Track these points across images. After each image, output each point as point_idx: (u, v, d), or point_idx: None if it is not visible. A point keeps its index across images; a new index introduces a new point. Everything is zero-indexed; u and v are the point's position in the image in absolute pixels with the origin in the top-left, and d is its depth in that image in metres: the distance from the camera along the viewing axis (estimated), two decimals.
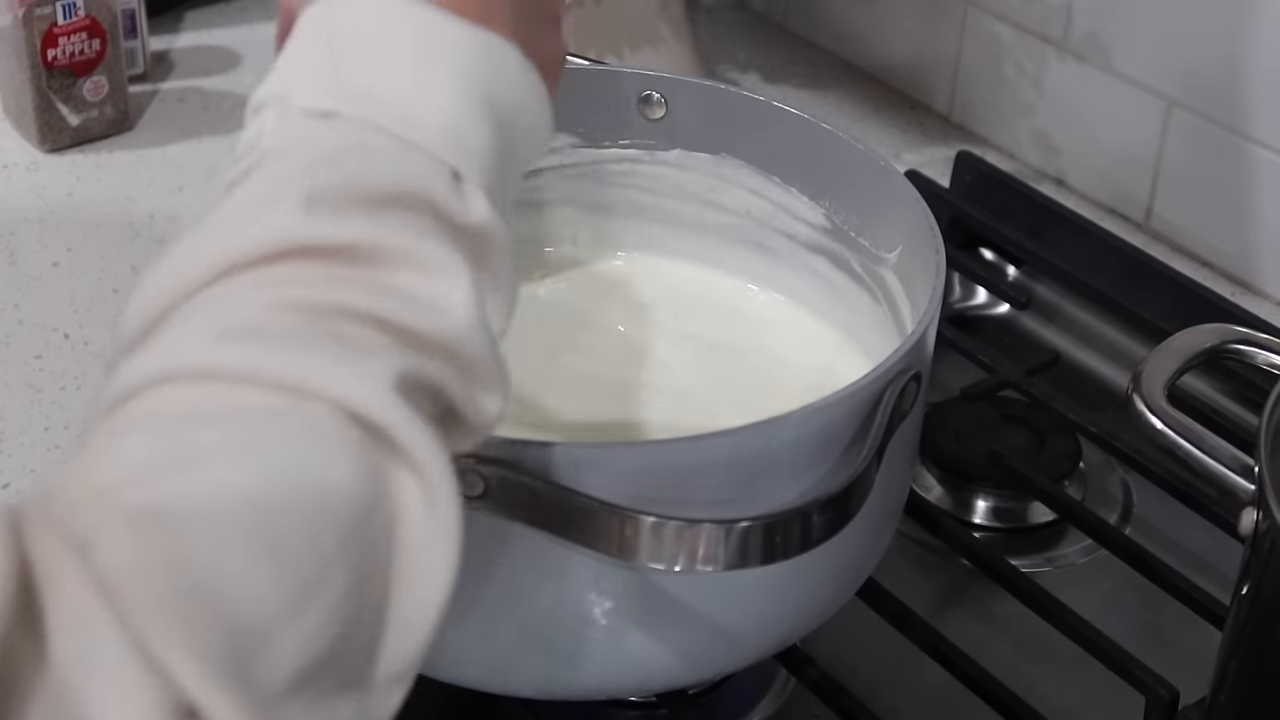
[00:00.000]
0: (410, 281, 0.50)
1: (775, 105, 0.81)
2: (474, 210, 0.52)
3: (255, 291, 0.48)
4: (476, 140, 0.53)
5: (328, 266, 0.49)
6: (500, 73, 0.55)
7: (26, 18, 1.04)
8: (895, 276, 0.78)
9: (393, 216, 0.51)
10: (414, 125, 0.52)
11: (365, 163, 0.51)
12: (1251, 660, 0.67)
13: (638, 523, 0.60)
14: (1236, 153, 1.01)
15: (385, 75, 0.53)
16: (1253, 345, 0.71)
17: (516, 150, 0.55)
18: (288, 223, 0.49)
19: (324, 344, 0.48)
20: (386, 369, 0.48)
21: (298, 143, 0.52)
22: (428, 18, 0.54)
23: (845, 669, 0.75)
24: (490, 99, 0.54)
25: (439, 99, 0.53)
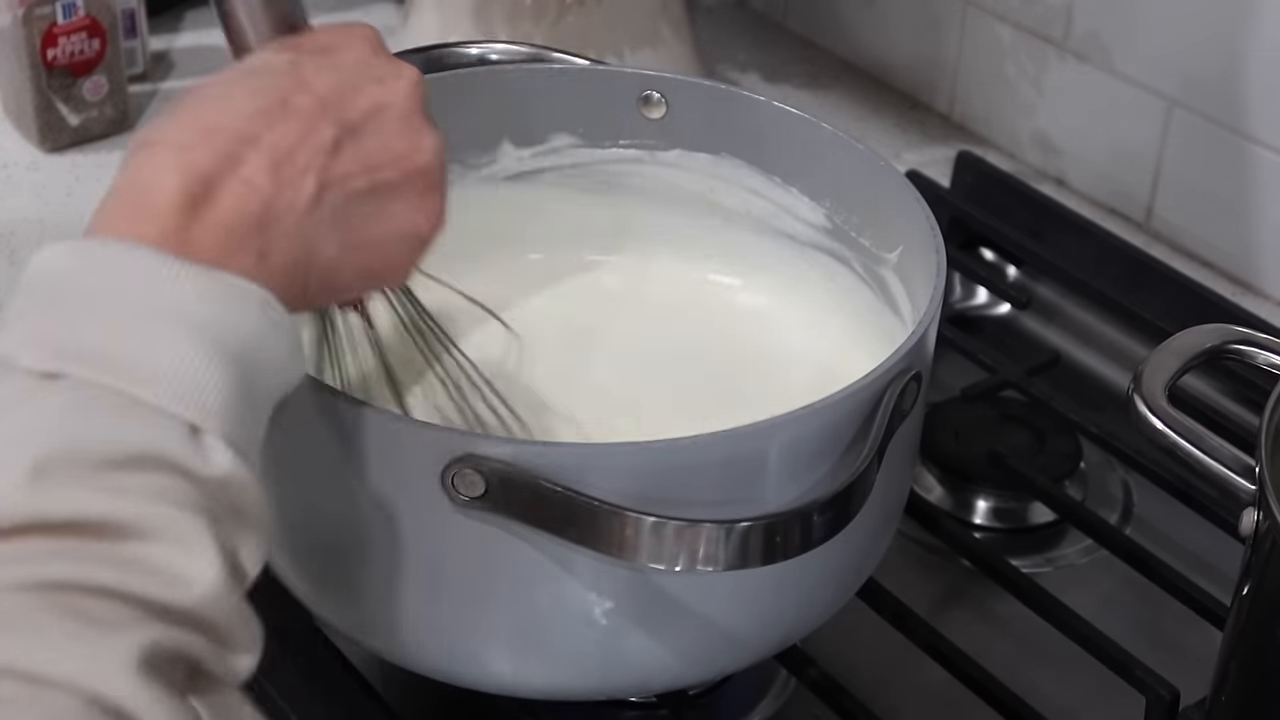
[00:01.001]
0: (150, 553, 0.48)
1: (775, 105, 0.81)
2: (214, 462, 0.51)
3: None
4: (212, 387, 0.51)
5: (61, 541, 0.47)
6: (233, 311, 0.52)
7: (26, 17, 1.04)
8: (896, 276, 0.78)
9: (128, 480, 0.49)
10: (143, 382, 0.50)
11: (94, 426, 0.49)
12: (1252, 660, 0.67)
13: (638, 523, 0.60)
14: (1237, 153, 1.01)
15: (110, 331, 0.51)
16: (1253, 345, 0.70)
17: (259, 385, 0.53)
18: (14, 496, 0.47)
19: (61, 624, 0.45)
20: (130, 645, 0.46)
21: (21, 406, 0.49)
22: (153, 266, 0.52)
23: (845, 669, 0.75)
24: (223, 341, 0.52)
25: (168, 352, 0.51)
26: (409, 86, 0.60)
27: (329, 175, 0.57)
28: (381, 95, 0.59)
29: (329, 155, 0.57)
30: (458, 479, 0.61)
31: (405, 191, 0.59)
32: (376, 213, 0.58)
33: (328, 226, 0.57)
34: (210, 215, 0.54)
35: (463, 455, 0.61)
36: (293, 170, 0.56)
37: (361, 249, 0.58)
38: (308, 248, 0.56)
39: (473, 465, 0.61)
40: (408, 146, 0.59)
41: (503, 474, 0.61)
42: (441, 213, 0.60)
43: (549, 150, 0.83)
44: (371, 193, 0.58)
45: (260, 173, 0.55)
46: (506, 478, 0.61)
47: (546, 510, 0.61)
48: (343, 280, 0.59)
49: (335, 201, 0.57)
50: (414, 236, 0.60)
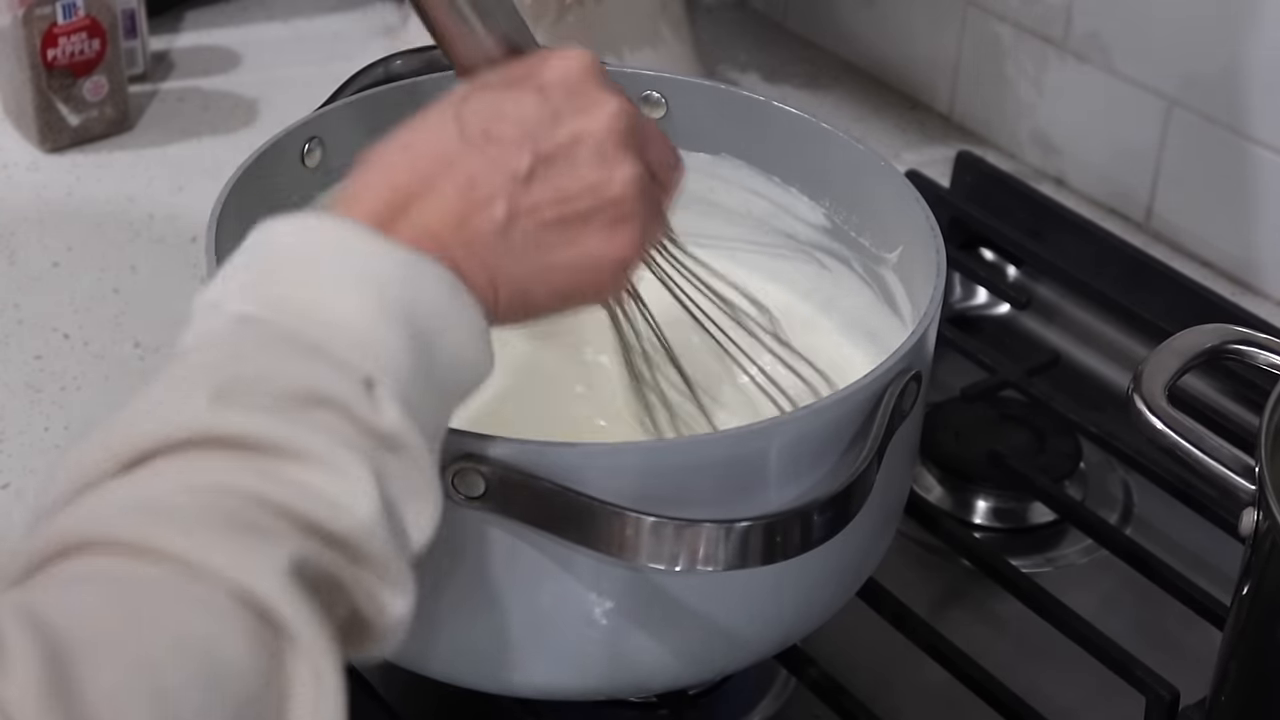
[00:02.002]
0: (312, 478, 0.51)
1: (775, 105, 0.81)
2: (384, 414, 0.54)
3: (160, 474, 0.50)
4: (388, 349, 0.54)
5: (231, 456, 0.51)
6: (424, 287, 0.56)
7: (27, 18, 1.04)
8: (895, 276, 0.78)
9: (300, 414, 0.52)
10: (327, 330, 0.54)
11: (276, 362, 0.53)
12: (1252, 660, 0.67)
13: (638, 523, 0.60)
14: (1237, 152, 1.01)
15: (307, 287, 0.55)
16: (1253, 345, 0.71)
17: (440, 361, 0.56)
18: (196, 413, 0.52)
19: (222, 523, 0.49)
20: (282, 554, 0.49)
21: (217, 342, 0.55)
22: (358, 239, 0.56)
23: (845, 669, 0.75)
24: (410, 311, 0.55)
25: (355, 310, 0.54)
26: (609, 117, 0.61)
27: (519, 204, 0.59)
28: (581, 126, 0.61)
29: (521, 184, 0.59)
30: (458, 479, 0.61)
31: (597, 220, 0.61)
32: (567, 241, 0.60)
33: (517, 252, 0.59)
34: (409, 218, 0.58)
35: (463, 455, 0.61)
36: (484, 195, 0.59)
37: (552, 273, 0.60)
38: (494, 269, 0.59)
39: (473, 465, 0.61)
40: (601, 178, 0.61)
41: (503, 474, 0.61)
42: (635, 241, 0.62)
43: None
44: (561, 222, 0.60)
45: (454, 193, 0.58)
46: (507, 477, 0.61)
47: (547, 510, 0.61)
48: (535, 301, 0.61)
49: (525, 228, 0.59)
50: (608, 261, 0.61)
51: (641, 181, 0.61)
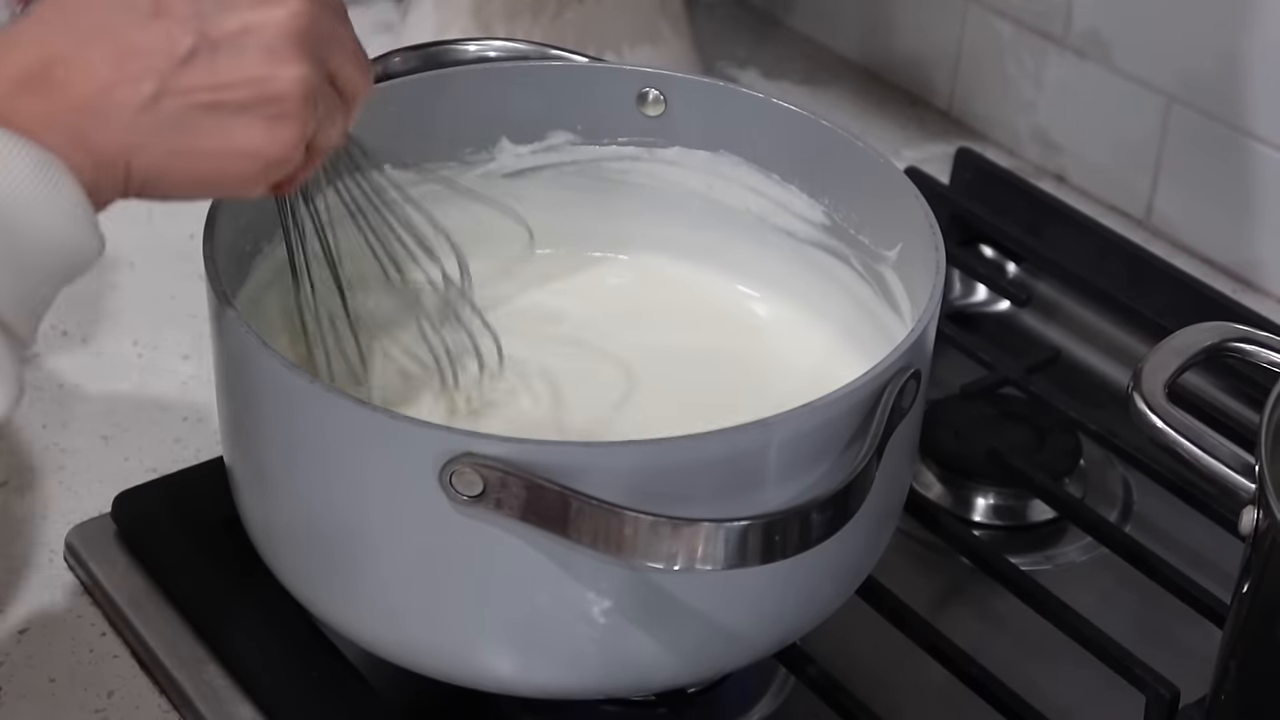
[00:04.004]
0: None
1: (774, 102, 0.81)
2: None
3: None
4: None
5: None
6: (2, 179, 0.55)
7: (25, 15, 1.04)
8: (895, 274, 0.78)
9: None
10: None
11: None
12: (1252, 659, 0.67)
13: (636, 522, 0.60)
14: (1237, 149, 1.01)
15: None
16: (1253, 343, 0.70)
17: (22, 243, 0.56)
18: None
19: None
20: None
21: None
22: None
23: (845, 667, 0.75)
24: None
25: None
26: (288, 14, 0.61)
27: (171, 83, 0.59)
28: (254, 18, 0.60)
29: (178, 64, 0.59)
30: (456, 478, 0.61)
31: (252, 114, 0.60)
32: (216, 128, 0.60)
33: (160, 129, 0.59)
34: (47, 82, 0.57)
35: (461, 454, 0.61)
36: (136, 69, 0.58)
37: (196, 158, 0.60)
38: (132, 143, 0.59)
39: (471, 464, 0.61)
40: (265, 72, 0.60)
41: (501, 473, 0.61)
42: (291, 141, 0.61)
43: (547, 147, 0.83)
44: (214, 108, 0.60)
45: (104, 62, 0.58)
46: (505, 477, 0.61)
47: (545, 509, 0.61)
48: (174, 181, 0.61)
49: (173, 108, 0.59)
50: (256, 156, 0.61)
51: (308, 83, 0.61)
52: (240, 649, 0.75)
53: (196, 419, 0.88)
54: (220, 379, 0.70)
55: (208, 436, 0.87)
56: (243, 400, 0.68)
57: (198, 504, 0.80)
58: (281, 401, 0.65)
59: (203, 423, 0.88)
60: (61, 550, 0.81)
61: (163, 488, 0.82)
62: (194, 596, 0.77)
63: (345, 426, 0.64)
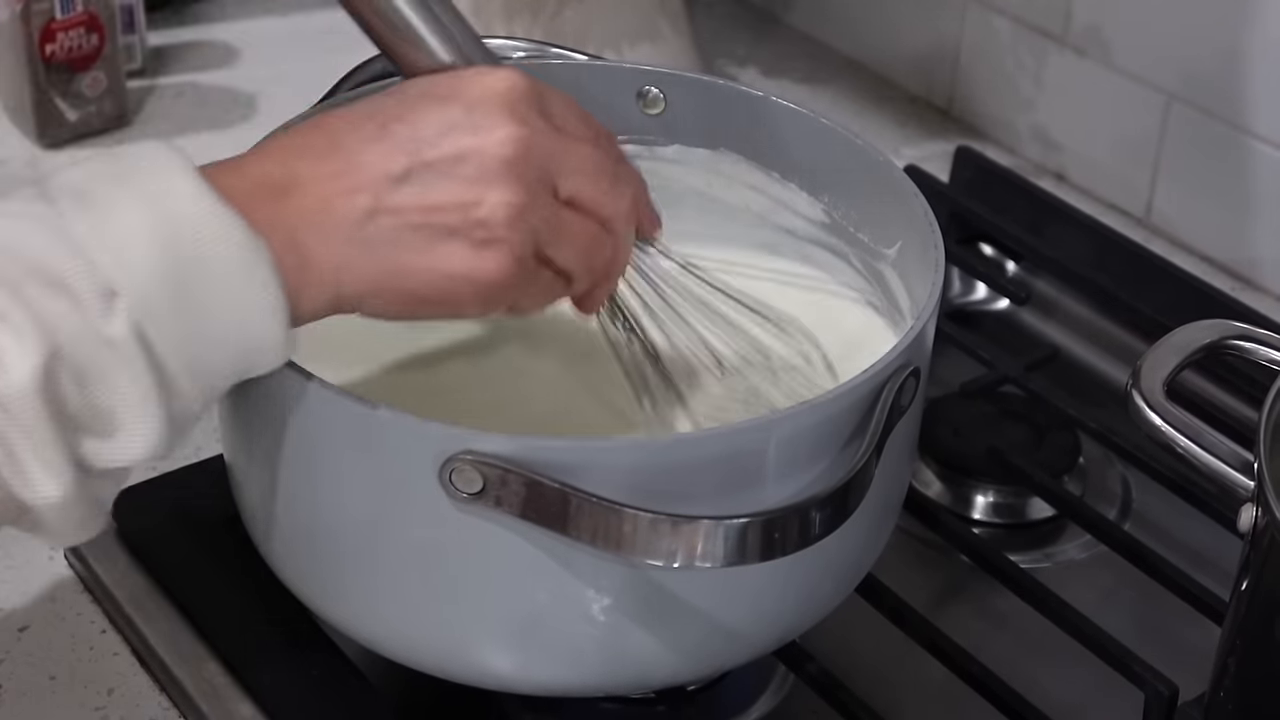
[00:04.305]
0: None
1: (774, 100, 0.81)
2: (114, 325, 0.56)
3: None
4: (145, 272, 0.56)
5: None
6: (214, 244, 0.57)
7: (25, 13, 1.04)
8: (895, 272, 0.78)
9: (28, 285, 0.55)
10: (96, 232, 0.56)
11: (33, 236, 0.56)
12: (1251, 656, 0.67)
13: (636, 519, 0.60)
14: (1236, 148, 1.01)
15: (107, 187, 0.57)
16: (1252, 341, 0.70)
17: (204, 317, 0.58)
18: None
19: None
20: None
21: (11, 211, 0.57)
22: (185, 177, 0.58)
23: (844, 665, 0.75)
24: (184, 254, 0.57)
25: (131, 223, 0.56)
26: (499, 141, 0.62)
27: (385, 201, 0.61)
28: (468, 144, 0.62)
29: (392, 183, 0.61)
30: (455, 475, 0.61)
31: (462, 238, 0.62)
32: (426, 249, 0.62)
33: (371, 246, 0.61)
34: (281, 197, 0.60)
35: (460, 451, 0.61)
36: (354, 184, 0.61)
37: (406, 277, 0.62)
38: (344, 257, 0.61)
39: (470, 461, 0.61)
40: (472, 197, 0.62)
41: (501, 470, 0.61)
42: (501, 266, 0.63)
43: None
44: (424, 229, 0.62)
45: (329, 177, 0.61)
46: (504, 474, 0.61)
47: (544, 506, 0.61)
48: (383, 299, 0.63)
49: (385, 226, 0.61)
50: (464, 279, 0.63)
51: (514, 209, 0.62)
52: (240, 646, 0.75)
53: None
54: None
55: (208, 435, 0.86)
56: (242, 398, 0.68)
57: (198, 502, 0.80)
58: (281, 399, 0.65)
59: (203, 421, 0.88)
60: (62, 548, 0.81)
61: (163, 486, 0.82)
62: (194, 594, 0.77)
63: (345, 424, 0.64)
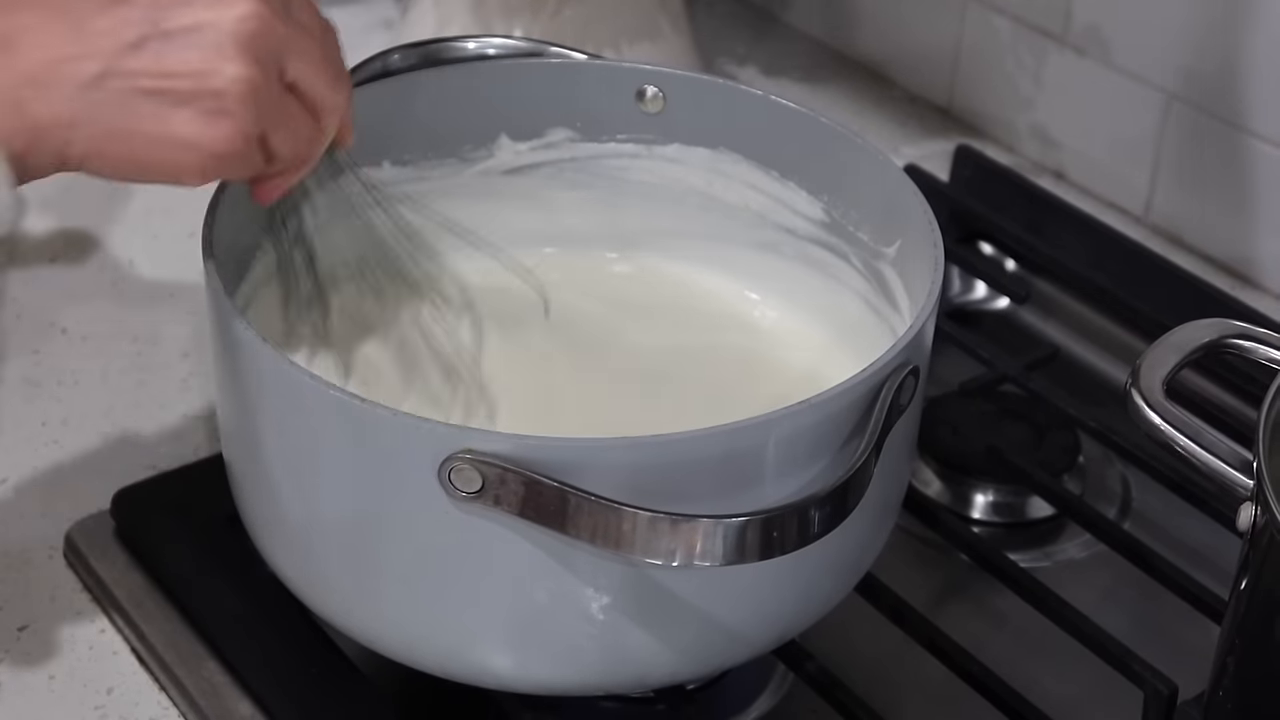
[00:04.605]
0: None
1: (773, 99, 0.81)
2: None
3: None
4: None
5: None
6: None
7: None
8: (894, 271, 0.78)
9: None
10: None
11: None
12: (1250, 655, 0.67)
13: (635, 518, 0.60)
14: (1236, 147, 1.01)
15: None
16: (1252, 340, 0.70)
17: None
18: None
19: None
20: None
21: None
22: None
23: (844, 664, 0.75)
24: None
25: None
26: (238, 17, 0.64)
27: (117, 65, 0.62)
28: (206, 16, 0.64)
29: (127, 48, 0.63)
30: (454, 474, 0.61)
31: (192, 106, 0.63)
32: (154, 114, 0.63)
33: (101, 108, 0.62)
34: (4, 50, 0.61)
35: (459, 450, 0.61)
36: (86, 48, 0.62)
37: (131, 140, 0.63)
38: (71, 118, 0.62)
39: (469, 460, 0.61)
40: (208, 67, 0.63)
41: (500, 469, 0.61)
42: (227, 138, 0.64)
43: (546, 145, 0.83)
44: (155, 94, 0.63)
45: (58, 38, 0.62)
46: (503, 473, 0.61)
47: (543, 505, 0.61)
48: (108, 161, 0.64)
49: (115, 89, 0.62)
50: (192, 147, 0.64)
51: (249, 84, 0.63)
52: (239, 645, 0.75)
53: (196, 416, 0.88)
54: (219, 376, 0.70)
55: (207, 433, 0.87)
56: (242, 397, 0.68)
57: (197, 501, 0.80)
58: (280, 398, 0.65)
59: (202, 420, 0.88)
60: (61, 547, 0.81)
61: (162, 485, 0.82)
62: (193, 593, 0.77)
63: (344, 423, 0.64)
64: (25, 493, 0.84)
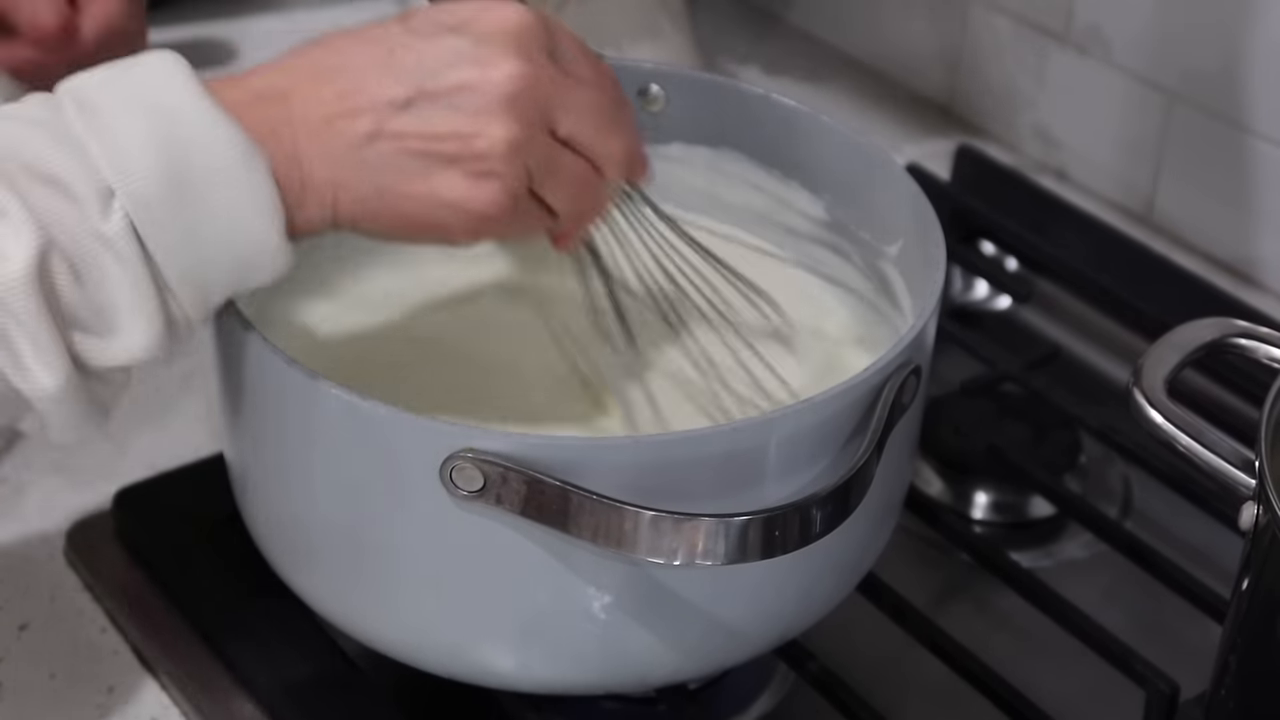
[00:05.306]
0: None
1: (775, 98, 0.81)
2: (110, 222, 0.58)
3: None
4: (142, 172, 0.58)
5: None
6: (210, 144, 0.59)
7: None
8: (896, 270, 0.78)
9: (30, 183, 0.57)
10: (98, 136, 0.58)
11: (37, 141, 0.58)
12: (1252, 654, 0.67)
13: (637, 517, 0.60)
14: (1238, 146, 1.01)
15: (111, 95, 0.59)
16: (1254, 339, 0.70)
17: (202, 216, 0.59)
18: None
19: None
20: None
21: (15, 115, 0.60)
22: (181, 80, 0.61)
23: (845, 663, 0.75)
24: (181, 155, 0.59)
25: (130, 127, 0.58)
26: (504, 76, 0.63)
27: (387, 126, 0.63)
28: (472, 77, 0.63)
29: (395, 109, 0.63)
30: (456, 473, 0.61)
31: (458, 167, 0.63)
32: (422, 175, 0.63)
33: (369, 168, 0.63)
34: (278, 103, 0.62)
35: (461, 449, 0.61)
36: (354, 106, 0.62)
37: (400, 200, 0.63)
38: (342, 176, 0.62)
39: (471, 459, 0.61)
40: (473, 129, 0.63)
41: (501, 468, 0.61)
42: (495, 200, 0.64)
43: None
44: (422, 155, 0.63)
45: (333, 98, 0.62)
46: (505, 472, 0.61)
47: (545, 504, 0.61)
48: (377, 220, 0.64)
49: (384, 149, 0.63)
50: (458, 208, 0.64)
51: (512, 143, 0.63)
52: (240, 645, 0.75)
53: (196, 415, 0.88)
54: (219, 375, 0.70)
55: (208, 433, 0.87)
56: (242, 396, 0.68)
57: (198, 500, 0.80)
58: (281, 397, 0.65)
59: (203, 419, 0.88)
60: (62, 546, 0.81)
61: (163, 484, 0.82)
62: (194, 593, 0.77)
63: (345, 422, 0.64)
64: (25, 493, 0.84)
